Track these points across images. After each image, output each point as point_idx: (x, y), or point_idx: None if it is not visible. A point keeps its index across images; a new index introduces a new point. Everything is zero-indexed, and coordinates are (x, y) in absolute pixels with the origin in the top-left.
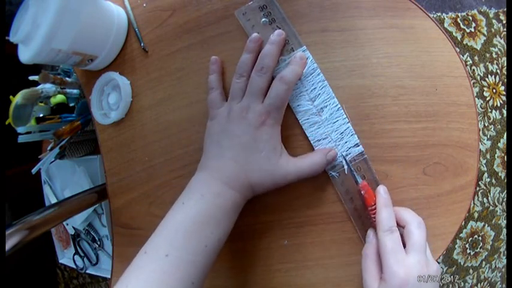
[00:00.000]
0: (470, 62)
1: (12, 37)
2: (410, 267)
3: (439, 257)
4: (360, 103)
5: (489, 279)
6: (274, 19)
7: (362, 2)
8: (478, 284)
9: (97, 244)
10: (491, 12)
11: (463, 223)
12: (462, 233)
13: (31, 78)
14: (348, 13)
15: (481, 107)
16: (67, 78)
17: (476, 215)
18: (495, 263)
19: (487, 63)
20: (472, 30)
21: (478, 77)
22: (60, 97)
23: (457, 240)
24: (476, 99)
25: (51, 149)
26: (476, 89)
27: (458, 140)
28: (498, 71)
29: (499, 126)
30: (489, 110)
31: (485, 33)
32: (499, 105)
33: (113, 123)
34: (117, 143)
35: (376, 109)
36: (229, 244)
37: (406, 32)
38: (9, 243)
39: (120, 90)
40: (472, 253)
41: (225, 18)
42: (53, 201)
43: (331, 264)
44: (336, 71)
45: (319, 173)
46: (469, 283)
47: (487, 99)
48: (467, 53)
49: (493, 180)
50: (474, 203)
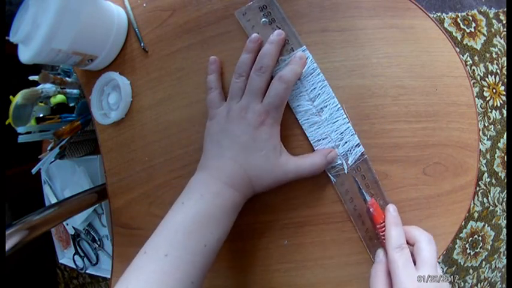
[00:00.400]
0: (470, 62)
1: (12, 37)
2: (422, 285)
3: (439, 257)
4: (360, 103)
5: (489, 279)
6: (274, 19)
7: (362, 2)
8: (478, 284)
9: (97, 244)
10: (491, 12)
11: (463, 223)
12: (462, 233)
13: (31, 78)
14: (348, 13)
15: (481, 107)
16: (67, 78)
17: (476, 215)
18: (495, 263)
19: (487, 63)
20: (472, 30)
21: (478, 77)
22: (60, 97)
23: (457, 240)
24: (476, 99)
25: (51, 149)
26: (476, 89)
27: (458, 140)
28: (498, 71)
29: (499, 126)
30: (489, 110)
31: (485, 33)
32: (499, 105)
33: (113, 123)
34: (117, 143)
35: (376, 109)
36: (229, 244)
37: (406, 32)
38: (9, 243)
39: (120, 90)
40: (472, 253)
41: (225, 18)
42: (53, 201)
43: (331, 264)
44: (336, 71)
45: (319, 173)
46: (469, 283)
47: (487, 99)
48: (467, 53)
49: (493, 180)
50: (474, 203)
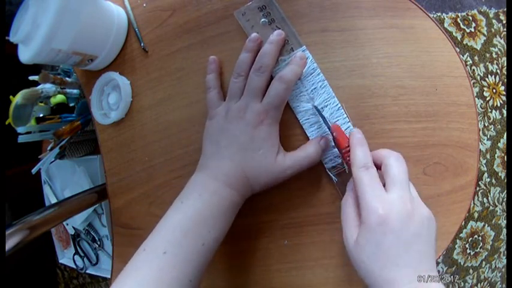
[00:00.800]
0: (470, 62)
1: (12, 37)
2: (390, 203)
3: (439, 257)
4: (360, 103)
5: (489, 279)
6: (273, 19)
7: (362, 2)
8: (478, 284)
9: (97, 244)
10: (491, 12)
11: (463, 223)
12: (462, 233)
13: (31, 78)
14: (348, 13)
15: (481, 107)
16: (67, 78)
17: (476, 215)
18: (495, 263)
19: (487, 63)
20: (472, 30)
21: (478, 77)
22: (60, 97)
23: (457, 240)
24: (476, 99)
25: (51, 149)
26: (476, 89)
27: (458, 140)
28: (498, 71)
29: (499, 126)
30: (489, 110)
31: (485, 33)
32: (499, 105)
33: (113, 123)
34: (117, 143)
35: (376, 109)
36: (230, 244)
37: (406, 32)
38: (9, 243)
39: (120, 90)
40: (472, 253)
41: (225, 18)
42: (53, 201)
43: (331, 264)
44: (336, 71)
45: (316, 162)
46: (469, 283)
47: (487, 99)
48: (467, 53)
49: (493, 180)
50: (474, 203)
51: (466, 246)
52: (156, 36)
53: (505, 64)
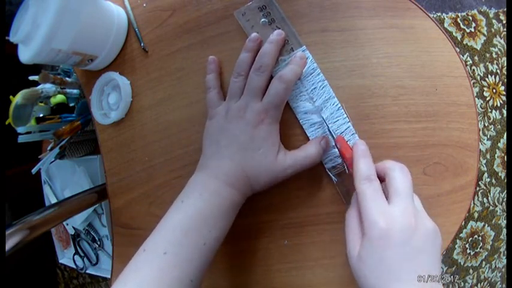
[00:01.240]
0: (470, 62)
1: (12, 37)
2: (393, 216)
3: None
4: (360, 103)
5: (489, 279)
6: (273, 19)
7: (362, 2)
8: (478, 284)
9: (97, 244)
10: (491, 12)
11: (463, 223)
12: (462, 233)
13: (31, 78)
14: (348, 13)
15: (481, 107)
16: (67, 78)
17: (476, 215)
18: (495, 263)
19: (487, 63)
20: (472, 30)
21: (478, 77)
22: (60, 97)
23: (457, 240)
24: (476, 99)
25: (51, 149)
26: (476, 89)
27: (458, 140)
28: (498, 71)
29: (499, 126)
30: (489, 110)
31: (485, 33)
32: (499, 105)
33: (113, 123)
34: (117, 143)
35: (376, 109)
36: (230, 244)
37: (406, 32)
38: (9, 243)
39: (120, 90)
40: (472, 253)
41: (225, 18)
42: (53, 201)
43: (332, 264)
44: (336, 71)
45: (317, 163)
46: (469, 283)
47: (487, 99)
48: (467, 53)
49: (493, 180)
50: (474, 203)
51: (466, 246)
52: (156, 36)
53: (505, 64)
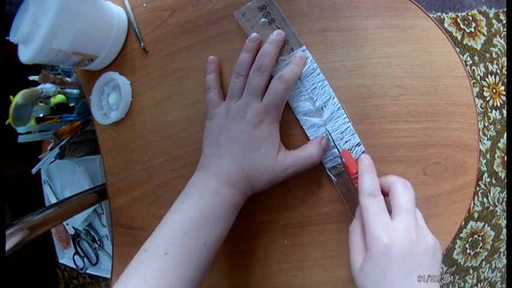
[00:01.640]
0: (470, 62)
1: (12, 37)
2: (395, 232)
3: None
4: (360, 103)
5: (489, 279)
6: (273, 19)
7: (362, 2)
8: (478, 284)
9: (97, 244)
10: (491, 12)
11: (463, 223)
12: (462, 233)
13: (31, 78)
14: (348, 13)
15: (481, 107)
16: (67, 78)
17: (476, 215)
18: (495, 263)
19: (487, 63)
20: (472, 30)
21: (478, 77)
22: (60, 97)
23: (457, 240)
24: (476, 99)
25: (51, 149)
26: (476, 89)
27: (458, 140)
28: (498, 71)
29: (499, 126)
30: (489, 110)
31: (485, 33)
32: (499, 105)
33: (113, 123)
34: (117, 143)
35: (376, 109)
36: (230, 244)
37: (406, 32)
38: (9, 243)
39: (120, 90)
40: (472, 253)
41: (225, 18)
42: (53, 201)
43: (332, 264)
44: (336, 71)
45: (317, 163)
46: (469, 283)
47: (487, 99)
48: (467, 53)
49: (493, 180)
50: (474, 203)
51: (466, 246)
52: (156, 36)
53: (505, 64)
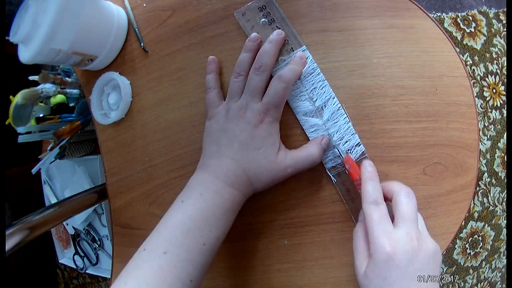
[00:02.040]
0: (470, 62)
1: (12, 37)
2: (397, 240)
3: None
4: (360, 103)
5: (489, 279)
6: (273, 19)
7: (362, 2)
8: (478, 284)
9: (97, 244)
10: (491, 12)
11: (463, 223)
12: (462, 233)
13: (31, 78)
14: (348, 13)
15: (481, 107)
16: (67, 78)
17: (476, 215)
18: (495, 263)
19: (487, 63)
20: (472, 30)
21: (478, 77)
22: (60, 97)
23: (457, 240)
24: (476, 99)
25: (51, 149)
26: (476, 89)
27: (458, 140)
28: (498, 71)
29: (499, 126)
30: (489, 110)
31: (485, 33)
32: (499, 105)
33: (113, 123)
34: (117, 143)
35: (376, 109)
36: (230, 244)
37: (406, 32)
38: (9, 243)
39: (120, 90)
40: (472, 253)
41: (225, 18)
42: (53, 201)
43: (331, 264)
44: (336, 71)
45: (317, 163)
46: (469, 283)
47: (487, 99)
48: (467, 53)
49: (493, 180)
50: (474, 203)
51: (466, 246)
52: (156, 36)
53: (505, 64)
